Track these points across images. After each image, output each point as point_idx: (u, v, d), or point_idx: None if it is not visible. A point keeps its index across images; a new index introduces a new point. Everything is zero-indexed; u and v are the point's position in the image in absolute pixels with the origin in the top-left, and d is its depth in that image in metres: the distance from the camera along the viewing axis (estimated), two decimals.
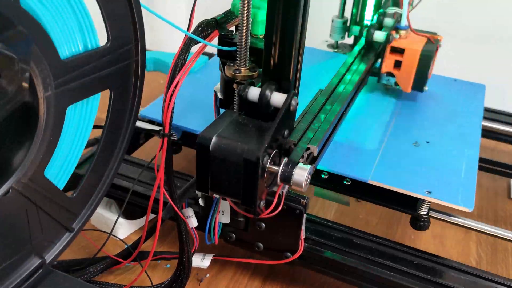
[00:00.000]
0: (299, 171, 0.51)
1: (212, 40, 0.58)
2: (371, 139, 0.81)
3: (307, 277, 0.80)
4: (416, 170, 0.74)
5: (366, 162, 0.75)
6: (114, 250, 0.78)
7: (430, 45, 0.87)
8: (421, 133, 0.84)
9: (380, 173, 0.72)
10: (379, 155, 0.77)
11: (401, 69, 0.87)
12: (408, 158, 0.77)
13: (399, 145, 0.80)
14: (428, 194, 0.69)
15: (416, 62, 0.86)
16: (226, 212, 0.65)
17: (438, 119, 0.89)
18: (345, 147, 0.78)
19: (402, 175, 0.72)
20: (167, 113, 0.54)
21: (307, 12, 0.51)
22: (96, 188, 0.60)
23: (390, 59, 0.88)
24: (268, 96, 0.53)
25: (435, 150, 0.79)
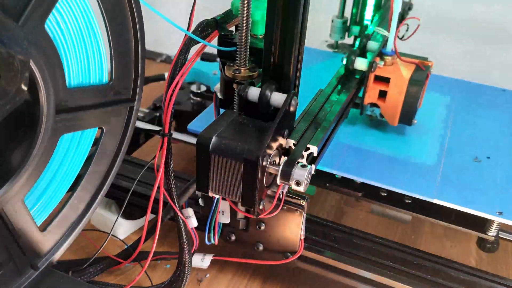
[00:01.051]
0: (299, 171, 0.51)
1: (212, 40, 0.58)
2: (428, 154, 0.76)
3: (307, 277, 0.80)
4: (482, 188, 0.70)
5: (427, 178, 0.70)
6: (114, 250, 0.78)
7: (419, 73, 0.75)
8: (478, 148, 0.79)
9: (445, 191, 0.68)
10: (440, 171, 0.72)
11: (387, 100, 0.76)
12: (471, 175, 0.72)
13: (458, 161, 0.75)
14: (500, 215, 0.65)
15: (403, 92, 0.74)
16: (226, 212, 0.65)
17: (492, 132, 0.84)
18: (401, 162, 0.74)
19: (469, 194, 0.68)
20: (167, 113, 0.54)
21: (307, 12, 0.51)
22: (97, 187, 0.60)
23: (374, 89, 0.76)
24: (268, 96, 0.53)
25: (498, 166, 0.75)
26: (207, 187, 0.52)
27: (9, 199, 0.47)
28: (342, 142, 0.77)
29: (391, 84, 0.75)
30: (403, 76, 0.74)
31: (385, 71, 0.75)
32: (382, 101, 0.77)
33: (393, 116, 0.77)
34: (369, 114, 0.82)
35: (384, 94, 0.76)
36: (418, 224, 0.93)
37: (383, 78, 0.75)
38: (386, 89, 0.75)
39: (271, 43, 0.52)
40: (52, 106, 0.47)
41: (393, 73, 0.75)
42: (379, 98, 0.77)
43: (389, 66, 0.76)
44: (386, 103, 0.76)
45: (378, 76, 0.75)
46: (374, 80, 0.76)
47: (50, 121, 0.47)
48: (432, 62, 0.78)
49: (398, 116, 0.76)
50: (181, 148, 1.03)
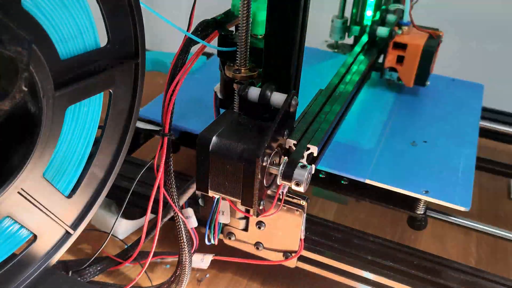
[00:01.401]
0: (299, 171, 0.51)
1: (212, 40, 0.58)
2: (369, 139, 0.81)
3: (307, 277, 0.80)
4: (413, 169, 0.74)
5: (363, 161, 0.75)
6: (114, 250, 0.78)
7: (432, 41, 0.88)
8: (418, 132, 0.84)
9: (378, 173, 0.72)
10: (376, 154, 0.77)
11: (404, 64, 0.89)
12: (406, 157, 0.77)
13: (396, 145, 0.80)
14: (426, 194, 0.69)
15: (418, 57, 0.87)
16: (226, 212, 0.65)
17: (435, 118, 0.89)
18: (342, 146, 0.78)
19: (400, 175, 0.72)
20: (167, 113, 0.54)
21: (307, 12, 0.51)
22: (97, 188, 0.60)
23: (393, 54, 0.89)
24: (268, 96, 0.53)
25: (432, 150, 0.80)
26: (207, 187, 0.52)
27: (25, 179, 0.47)
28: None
29: (407, 49, 0.87)
30: (418, 42, 0.87)
31: (403, 38, 0.88)
32: (399, 65, 0.89)
33: (409, 78, 0.89)
34: (388, 78, 0.93)
35: (402, 59, 0.89)
36: None
37: (401, 45, 0.88)
38: (404, 54, 0.88)
39: (271, 43, 0.52)
40: (50, 83, 0.46)
41: (410, 40, 0.87)
42: (397, 63, 0.90)
43: (406, 35, 0.89)
44: (403, 67, 0.89)
45: (396, 43, 0.88)
46: (393, 47, 0.89)
47: (50, 98, 0.46)
48: (442, 32, 0.91)
49: (413, 78, 0.89)
50: (181, 148, 1.03)
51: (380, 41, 0.90)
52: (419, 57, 0.87)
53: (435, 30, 0.91)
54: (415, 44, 0.87)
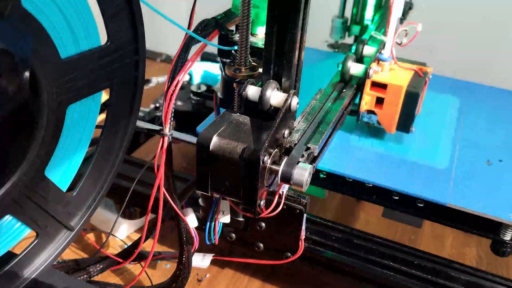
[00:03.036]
0: (299, 171, 0.51)
1: (213, 39, 0.58)
2: (440, 157, 0.76)
3: (307, 277, 0.80)
4: (495, 191, 0.69)
5: (440, 182, 0.70)
6: (114, 250, 0.78)
7: (417, 80, 0.74)
8: (490, 151, 0.78)
9: (458, 195, 0.67)
10: (452, 174, 0.72)
11: (384, 107, 0.74)
12: (484, 178, 0.72)
13: (470, 164, 0.74)
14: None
15: (400, 100, 0.72)
16: (226, 212, 0.65)
17: (503, 134, 0.83)
18: (413, 165, 0.73)
19: (483, 197, 0.67)
20: (167, 113, 0.54)
21: (307, 11, 0.51)
22: (97, 187, 0.60)
23: (371, 96, 0.74)
24: (268, 95, 0.53)
25: (510, 169, 0.74)
26: (207, 187, 0.52)
27: (26, 177, 0.48)
28: (352, 144, 0.77)
29: (388, 91, 0.72)
30: (401, 83, 0.72)
31: (382, 77, 0.73)
32: (379, 108, 0.75)
33: (390, 124, 0.75)
34: (366, 121, 0.79)
35: (381, 101, 0.74)
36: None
37: (380, 85, 0.73)
38: (383, 96, 0.73)
39: (272, 42, 0.52)
40: (51, 82, 0.46)
41: (391, 80, 0.72)
42: (376, 105, 0.75)
43: (386, 72, 0.74)
44: (383, 111, 0.74)
45: (375, 82, 0.73)
46: (371, 87, 0.74)
47: (51, 96, 0.46)
48: (431, 68, 0.76)
49: (395, 124, 0.75)
50: (181, 147, 1.03)
51: (354, 80, 0.76)
52: (401, 100, 0.72)
53: (422, 65, 0.77)
54: (396, 85, 0.72)
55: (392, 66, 0.75)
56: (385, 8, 0.96)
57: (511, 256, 0.88)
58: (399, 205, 0.71)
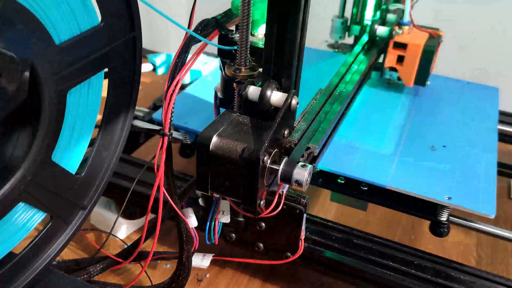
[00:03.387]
0: (299, 171, 0.51)
1: (213, 39, 0.58)
2: (387, 143, 0.79)
3: (307, 277, 0.80)
4: (434, 175, 0.72)
5: (383, 166, 0.73)
6: (114, 250, 0.78)
7: (432, 41, 0.87)
8: (436, 137, 0.82)
9: (399, 178, 0.71)
10: (396, 159, 0.75)
11: (404, 64, 0.88)
12: (426, 162, 0.75)
13: (415, 149, 0.78)
14: (449, 200, 0.67)
15: (418, 57, 0.86)
16: (226, 212, 0.65)
17: (452, 122, 0.87)
18: (360, 150, 0.77)
19: (421, 181, 0.71)
20: (167, 113, 0.54)
21: (307, 11, 0.51)
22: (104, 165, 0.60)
23: (393, 54, 0.88)
24: (268, 95, 0.53)
25: (452, 155, 0.78)
26: (207, 187, 0.52)
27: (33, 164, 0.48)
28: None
29: (408, 49, 0.86)
30: (418, 42, 0.86)
31: (403, 38, 0.87)
32: (400, 65, 0.89)
33: (409, 78, 0.89)
34: (388, 78, 0.93)
35: (402, 59, 0.88)
36: (418, 224, 0.93)
37: (401, 45, 0.87)
38: (404, 54, 0.87)
39: (272, 42, 0.52)
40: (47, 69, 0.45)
41: (410, 40, 0.86)
42: (397, 63, 0.89)
43: (406, 35, 0.88)
44: (403, 67, 0.88)
45: (397, 42, 0.87)
46: (393, 46, 0.88)
47: (50, 84, 0.46)
48: (443, 32, 0.90)
49: (413, 77, 0.88)
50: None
51: (380, 40, 0.90)
52: (419, 57, 0.86)
53: (436, 30, 0.91)
54: (415, 44, 0.86)
55: (411, 29, 0.89)
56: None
57: (511, 256, 0.88)
58: (344, 189, 0.74)
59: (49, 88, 0.46)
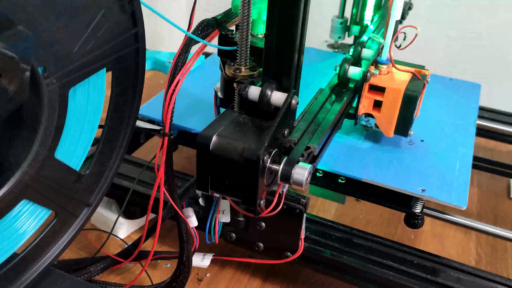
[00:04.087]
0: (299, 170, 0.51)
1: (213, 39, 0.58)
2: (366, 137, 0.80)
3: (307, 277, 0.80)
4: (410, 168, 0.73)
5: (360, 160, 0.74)
6: (114, 250, 0.78)
7: (416, 83, 0.72)
8: (415, 131, 0.82)
9: (375, 172, 0.72)
10: (374, 153, 0.76)
11: (382, 111, 0.73)
12: (403, 156, 0.76)
13: (393, 143, 0.79)
14: (422, 192, 0.68)
15: (398, 103, 0.71)
16: (226, 212, 0.65)
17: (432, 118, 0.88)
18: (339, 144, 0.78)
19: (397, 174, 0.72)
20: (167, 113, 0.54)
21: (307, 11, 0.51)
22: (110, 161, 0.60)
23: (369, 99, 0.73)
24: (269, 95, 0.53)
25: (429, 149, 0.79)
26: (207, 186, 0.52)
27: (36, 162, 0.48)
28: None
29: (386, 94, 0.71)
30: (399, 86, 0.71)
31: (380, 80, 0.72)
32: (377, 111, 0.74)
33: (389, 128, 0.74)
34: (364, 124, 0.82)
35: (379, 104, 0.73)
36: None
37: (378, 88, 0.72)
38: (381, 99, 0.72)
39: (272, 42, 0.52)
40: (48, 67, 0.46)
41: (389, 83, 0.71)
42: (374, 108, 0.74)
43: (384, 75, 0.73)
44: (381, 114, 0.74)
45: (373, 85, 0.72)
46: (368, 90, 0.73)
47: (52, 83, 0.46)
48: (429, 71, 0.76)
49: (393, 127, 0.74)
50: (181, 147, 1.03)
51: (353, 83, 0.75)
52: (399, 103, 0.71)
53: (420, 68, 0.76)
54: (394, 88, 0.71)
55: (390, 69, 0.74)
56: (385, 8, 0.96)
57: (510, 256, 0.88)
58: (322, 182, 0.75)
59: (49, 85, 0.46)
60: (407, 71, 0.75)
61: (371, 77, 0.71)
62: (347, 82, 0.74)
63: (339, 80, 0.74)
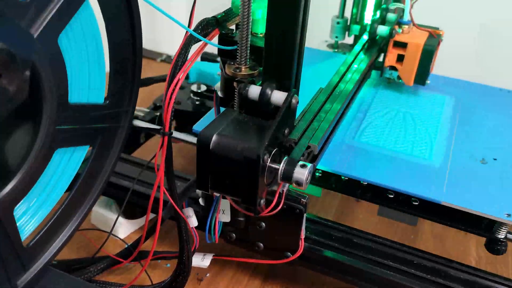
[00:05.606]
0: (299, 170, 0.51)
1: (213, 38, 0.58)
2: (435, 155, 0.76)
3: (307, 277, 0.80)
4: (490, 190, 0.69)
5: (434, 180, 0.70)
6: (114, 250, 0.78)
7: (432, 40, 0.87)
8: (484, 150, 0.78)
9: (453, 193, 0.67)
10: (447, 173, 0.72)
11: (404, 63, 0.88)
12: (478, 176, 0.72)
13: (465, 163, 0.75)
14: (508, 217, 0.64)
15: (418, 56, 0.86)
16: (226, 211, 0.65)
17: (498, 134, 0.83)
18: (405, 163, 0.73)
19: (477, 196, 0.67)
20: (167, 112, 0.54)
21: (307, 10, 0.51)
22: None
23: (393, 53, 0.88)
24: (269, 94, 0.53)
25: (504, 168, 0.74)
26: (207, 186, 0.52)
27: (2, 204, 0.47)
28: (347, 142, 0.77)
29: (408, 48, 0.86)
30: (418, 41, 0.86)
31: (403, 37, 0.87)
32: (399, 64, 0.88)
33: (409, 77, 0.88)
34: (388, 76, 0.93)
35: (402, 58, 0.88)
36: (418, 224, 0.93)
37: (401, 44, 0.87)
38: (404, 53, 0.87)
39: (272, 42, 0.52)
40: (54, 117, 0.47)
41: (410, 39, 0.86)
42: (397, 62, 0.89)
43: (406, 34, 0.88)
44: (403, 66, 0.88)
45: (396, 41, 0.87)
46: (393, 46, 0.88)
47: (50, 132, 0.48)
48: (443, 31, 0.89)
49: (413, 76, 0.88)
50: (181, 147, 1.03)
51: (380, 40, 0.90)
52: (419, 56, 0.86)
53: (435, 29, 0.90)
54: (415, 43, 0.86)
55: (411, 28, 0.89)
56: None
57: (511, 255, 0.88)
58: (394, 203, 0.71)
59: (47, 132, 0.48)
60: (425, 30, 0.90)
61: (396, 35, 0.87)
62: (375, 39, 0.90)
63: (369, 36, 0.90)
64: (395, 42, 0.87)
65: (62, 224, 0.58)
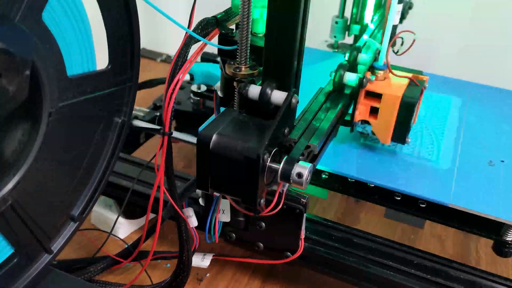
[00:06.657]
0: (299, 170, 0.51)
1: (213, 38, 0.58)
2: (442, 157, 0.75)
3: (307, 277, 0.80)
4: (498, 192, 0.68)
5: (442, 182, 0.69)
6: (114, 250, 0.78)
7: (413, 89, 0.69)
8: (492, 151, 0.77)
9: (460, 196, 0.67)
10: (454, 175, 0.71)
11: (379, 118, 0.70)
12: (486, 179, 0.71)
13: (473, 165, 0.74)
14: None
15: (396, 110, 0.69)
16: (226, 211, 0.65)
17: (505, 135, 0.82)
18: (413, 165, 0.73)
19: (485, 198, 0.67)
20: (167, 112, 0.54)
21: (307, 10, 0.51)
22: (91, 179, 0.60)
23: (365, 106, 0.71)
24: (269, 94, 0.53)
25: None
26: (207, 185, 0.52)
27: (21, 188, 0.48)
28: (354, 144, 0.77)
29: (383, 100, 0.69)
30: (396, 93, 0.68)
31: (377, 86, 0.69)
32: (373, 118, 0.71)
33: (385, 135, 0.71)
34: (361, 131, 0.79)
35: (376, 111, 0.70)
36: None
37: (375, 94, 0.69)
38: (378, 106, 0.70)
39: (272, 41, 0.52)
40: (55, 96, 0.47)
41: (385, 89, 0.69)
42: (371, 115, 0.71)
43: (381, 81, 0.70)
44: (378, 121, 0.71)
45: (369, 91, 0.70)
46: (365, 96, 0.70)
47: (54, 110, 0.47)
48: (427, 77, 0.73)
49: (390, 134, 0.71)
50: (181, 147, 1.03)
51: (349, 89, 0.72)
52: (397, 110, 0.68)
53: (418, 74, 0.73)
54: (391, 95, 0.68)
55: (387, 74, 0.72)
56: (385, 8, 0.96)
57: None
58: (401, 206, 0.71)
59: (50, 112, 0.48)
60: (404, 76, 0.72)
61: (368, 83, 0.69)
62: (342, 88, 0.71)
63: (335, 86, 0.71)
64: (368, 92, 0.70)
65: None
